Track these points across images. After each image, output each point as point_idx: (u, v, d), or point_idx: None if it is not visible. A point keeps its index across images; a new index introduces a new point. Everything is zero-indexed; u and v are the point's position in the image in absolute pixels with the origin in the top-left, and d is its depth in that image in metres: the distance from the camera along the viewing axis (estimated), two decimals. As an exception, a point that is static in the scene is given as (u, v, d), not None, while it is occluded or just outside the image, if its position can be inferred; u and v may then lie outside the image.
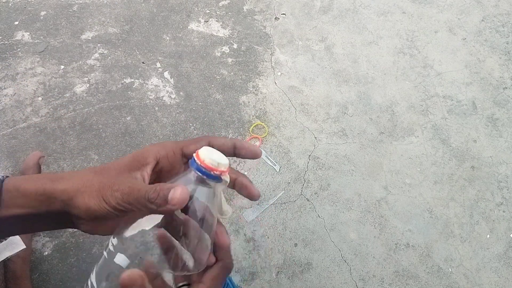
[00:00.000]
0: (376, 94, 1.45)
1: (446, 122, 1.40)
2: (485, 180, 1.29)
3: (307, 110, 1.40)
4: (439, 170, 1.30)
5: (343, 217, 1.20)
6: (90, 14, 1.55)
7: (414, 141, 1.35)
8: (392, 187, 1.26)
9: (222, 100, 1.40)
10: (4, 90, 1.34)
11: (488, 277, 1.14)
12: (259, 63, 1.49)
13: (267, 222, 1.18)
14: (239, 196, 1.23)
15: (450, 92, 1.47)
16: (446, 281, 1.13)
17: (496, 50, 1.57)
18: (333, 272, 1.12)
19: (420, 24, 1.64)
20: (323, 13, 1.65)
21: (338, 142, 1.34)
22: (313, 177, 1.26)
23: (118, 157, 1.25)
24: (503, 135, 1.38)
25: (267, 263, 1.12)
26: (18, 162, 1.20)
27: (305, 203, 1.22)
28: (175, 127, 1.33)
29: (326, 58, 1.52)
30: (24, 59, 1.41)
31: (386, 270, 1.14)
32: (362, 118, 1.39)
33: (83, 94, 1.36)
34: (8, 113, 1.29)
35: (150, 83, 1.41)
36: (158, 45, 1.50)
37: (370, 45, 1.57)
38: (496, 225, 1.21)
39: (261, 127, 1.35)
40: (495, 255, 1.17)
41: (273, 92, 1.43)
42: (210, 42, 1.53)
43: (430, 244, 1.18)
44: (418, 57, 1.55)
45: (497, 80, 1.50)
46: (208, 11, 1.61)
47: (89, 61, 1.43)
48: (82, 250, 1.11)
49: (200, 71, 1.45)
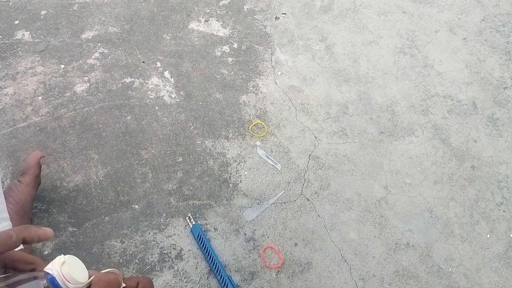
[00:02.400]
0: (376, 94, 1.45)
1: (446, 122, 1.40)
2: (485, 180, 1.29)
3: (307, 110, 1.40)
4: (439, 170, 1.30)
5: (343, 216, 1.21)
6: (90, 13, 1.55)
7: (414, 141, 1.35)
8: (392, 186, 1.26)
9: (222, 100, 1.40)
10: (4, 89, 1.34)
11: (488, 277, 1.14)
12: (259, 62, 1.49)
13: (267, 221, 1.18)
14: (239, 195, 1.24)
15: (450, 91, 1.47)
16: (446, 281, 1.13)
17: (497, 50, 1.57)
18: (333, 271, 1.12)
19: (421, 24, 1.64)
20: (324, 12, 1.65)
21: (338, 141, 1.34)
22: (313, 177, 1.26)
23: (118, 156, 1.25)
24: (503, 135, 1.38)
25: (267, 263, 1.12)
26: (18, 161, 1.20)
27: (305, 203, 1.22)
28: (175, 126, 1.33)
29: (327, 58, 1.52)
30: (24, 59, 1.41)
31: (386, 270, 1.14)
32: (362, 118, 1.39)
33: (83, 94, 1.36)
34: (8, 112, 1.29)
35: (150, 82, 1.41)
36: (159, 44, 1.50)
37: (370, 44, 1.57)
38: (496, 225, 1.21)
39: (260, 126, 1.35)
40: (495, 255, 1.17)
41: (273, 92, 1.43)
42: (211, 41, 1.53)
43: (430, 244, 1.18)
44: (418, 57, 1.55)
45: (498, 80, 1.50)
46: (208, 11, 1.61)
47: (89, 60, 1.43)
48: (83, 249, 1.11)
49: (200, 70, 1.45)
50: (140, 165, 1.24)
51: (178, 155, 1.27)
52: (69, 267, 0.30)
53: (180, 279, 1.08)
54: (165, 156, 1.27)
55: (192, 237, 1.14)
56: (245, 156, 1.29)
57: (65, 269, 0.29)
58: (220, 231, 1.16)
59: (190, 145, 1.30)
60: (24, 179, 1.05)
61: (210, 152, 1.29)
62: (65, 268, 0.30)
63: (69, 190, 1.18)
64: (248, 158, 1.28)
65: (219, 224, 1.17)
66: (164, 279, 1.08)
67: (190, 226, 1.15)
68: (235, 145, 1.31)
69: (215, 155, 1.28)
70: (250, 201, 1.21)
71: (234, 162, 1.27)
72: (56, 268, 0.30)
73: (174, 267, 1.10)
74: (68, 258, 0.31)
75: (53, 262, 0.31)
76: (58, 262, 0.30)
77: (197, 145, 1.30)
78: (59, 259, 0.31)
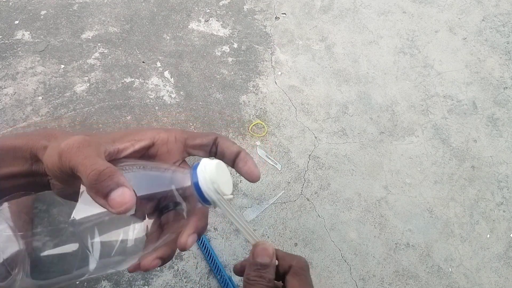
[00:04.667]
0: (376, 94, 1.45)
1: (446, 121, 1.40)
2: (485, 180, 1.29)
3: (307, 110, 1.40)
4: (439, 170, 1.30)
5: (343, 216, 1.21)
6: (90, 13, 1.55)
7: (414, 141, 1.35)
8: (392, 186, 1.26)
9: (222, 100, 1.40)
10: (4, 89, 1.34)
11: (488, 277, 1.14)
12: (259, 62, 1.49)
13: (267, 221, 1.18)
14: (239, 195, 1.24)
15: (450, 91, 1.47)
16: (446, 280, 1.13)
17: (497, 49, 1.57)
18: (333, 271, 1.12)
19: (421, 24, 1.64)
20: (324, 12, 1.65)
21: (338, 141, 1.34)
22: (313, 177, 1.26)
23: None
24: (503, 135, 1.38)
25: (267, 263, 1.12)
26: (18, 161, 1.20)
27: (305, 203, 1.22)
28: (175, 126, 1.33)
29: (327, 58, 1.52)
30: (24, 58, 1.41)
31: (386, 270, 1.14)
32: (362, 118, 1.39)
33: (83, 94, 1.36)
34: (8, 112, 1.29)
35: (150, 82, 1.41)
36: (159, 44, 1.50)
37: (370, 44, 1.57)
38: (496, 225, 1.21)
39: (260, 126, 1.35)
40: (495, 255, 1.17)
41: (273, 92, 1.43)
42: (211, 41, 1.53)
43: (430, 244, 1.18)
44: (418, 57, 1.55)
45: (498, 80, 1.50)
46: (208, 11, 1.61)
47: (89, 60, 1.43)
48: (82, 249, 1.10)
49: (200, 70, 1.45)
50: (140, 165, 1.24)
51: (178, 155, 1.27)
52: (217, 169, 0.27)
53: (180, 279, 1.08)
54: (165, 156, 1.27)
55: (192, 237, 1.13)
56: (245, 156, 1.29)
57: (211, 170, 0.26)
58: (220, 231, 1.16)
59: (190, 145, 1.29)
60: None
61: (210, 152, 1.29)
62: (212, 169, 0.26)
63: (69, 190, 1.18)
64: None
65: (219, 224, 1.17)
66: (164, 279, 1.08)
67: (190, 226, 1.15)
68: (235, 145, 1.31)
69: (215, 155, 1.28)
70: (250, 201, 1.21)
71: (234, 162, 1.27)
72: (206, 173, 0.27)
73: (174, 267, 1.10)
74: (214, 164, 0.27)
75: (203, 163, 0.27)
76: (210, 166, 0.27)
77: (197, 145, 1.30)
78: (212, 163, 0.27)
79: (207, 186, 0.27)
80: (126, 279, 1.07)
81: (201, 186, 0.28)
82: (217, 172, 0.28)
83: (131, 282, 1.06)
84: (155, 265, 0.31)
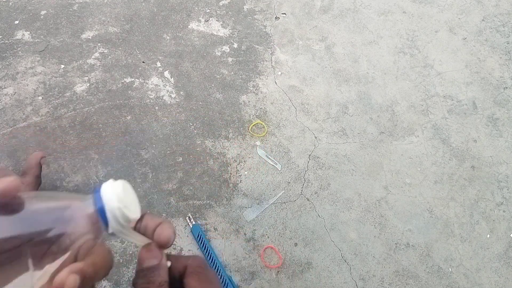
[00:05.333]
0: (376, 94, 1.45)
1: (446, 121, 1.40)
2: (485, 180, 1.29)
3: (307, 110, 1.40)
4: (439, 170, 1.30)
5: (343, 216, 1.20)
6: (90, 13, 1.55)
7: (414, 141, 1.35)
8: (392, 186, 1.26)
9: (222, 100, 1.40)
10: (4, 89, 1.34)
11: (488, 277, 1.14)
12: (259, 62, 1.49)
13: (267, 221, 1.18)
14: (239, 195, 1.24)
15: (450, 91, 1.47)
16: (446, 280, 1.13)
17: (497, 49, 1.57)
18: (333, 271, 1.12)
19: (421, 24, 1.64)
20: (324, 12, 1.65)
21: (338, 141, 1.34)
22: (313, 177, 1.26)
23: (118, 156, 1.25)
24: (503, 135, 1.38)
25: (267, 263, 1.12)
26: (18, 161, 1.20)
27: (305, 203, 1.22)
28: (175, 126, 1.33)
29: (327, 58, 1.52)
30: (24, 58, 1.41)
31: (386, 270, 1.14)
32: (362, 118, 1.39)
33: (83, 94, 1.36)
34: (8, 112, 1.29)
35: (150, 82, 1.41)
36: (159, 44, 1.50)
37: (370, 44, 1.57)
38: (496, 225, 1.21)
39: (260, 126, 1.35)
40: (495, 255, 1.17)
41: (273, 92, 1.43)
42: (211, 41, 1.53)
43: (430, 244, 1.18)
44: (418, 57, 1.55)
45: (498, 80, 1.50)
46: (208, 11, 1.61)
47: (89, 60, 1.43)
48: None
49: (200, 70, 1.45)
50: (140, 165, 1.24)
51: (178, 155, 1.27)
52: (125, 196, 0.24)
53: (180, 279, 1.08)
54: (165, 156, 1.27)
55: (192, 237, 1.14)
56: (245, 156, 1.29)
57: (117, 191, 0.23)
58: (220, 231, 1.16)
59: (190, 145, 1.30)
60: (25, 179, 1.05)
61: (210, 152, 1.29)
62: (117, 189, 0.23)
63: (69, 190, 1.18)
64: (248, 158, 1.28)
65: (219, 224, 1.17)
66: (164, 279, 1.08)
67: (190, 226, 1.15)
68: (235, 145, 1.31)
69: (215, 155, 1.28)
70: (250, 201, 1.21)
71: (234, 162, 1.27)
72: (109, 197, 0.24)
73: (174, 267, 1.09)
74: (123, 185, 0.24)
75: (105, 186, 0.24)
76: (112, 189, 0.24)
77: (197, 145, 1.30)
78: (115, 185, 0.25)
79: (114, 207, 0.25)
80: (126, 279, 1.07)
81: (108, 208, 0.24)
82: (124, 192, 0.25)
83: (131, 282, 1.06)
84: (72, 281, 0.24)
